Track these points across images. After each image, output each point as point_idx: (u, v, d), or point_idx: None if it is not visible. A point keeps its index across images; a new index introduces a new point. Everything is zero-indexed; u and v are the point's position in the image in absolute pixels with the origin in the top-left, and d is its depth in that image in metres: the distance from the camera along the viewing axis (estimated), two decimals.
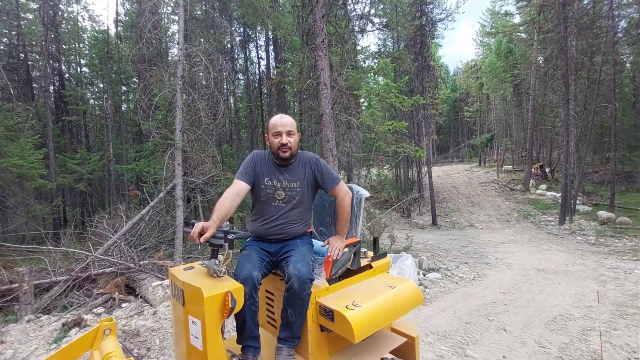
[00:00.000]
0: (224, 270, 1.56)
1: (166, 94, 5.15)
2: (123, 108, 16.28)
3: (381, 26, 9.27)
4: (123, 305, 4.76)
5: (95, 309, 4.56)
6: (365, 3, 7.19)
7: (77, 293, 4.96)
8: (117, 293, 5.06)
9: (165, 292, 4.34)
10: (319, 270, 1.90)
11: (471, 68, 32.97)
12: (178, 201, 4.68)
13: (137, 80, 17.12)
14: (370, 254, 2.26)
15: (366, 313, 1.65)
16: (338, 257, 1.84)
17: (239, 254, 1.95)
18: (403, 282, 1.99)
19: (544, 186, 21.79)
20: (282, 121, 1.98)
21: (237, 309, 1.48)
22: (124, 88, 16.42)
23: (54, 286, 4.90)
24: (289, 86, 11.07)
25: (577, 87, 16.72)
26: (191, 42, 5.03)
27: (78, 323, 3.70)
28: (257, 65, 17.42)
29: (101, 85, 17.78)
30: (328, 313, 1.71)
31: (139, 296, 4.62)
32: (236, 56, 15.93)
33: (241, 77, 16.18)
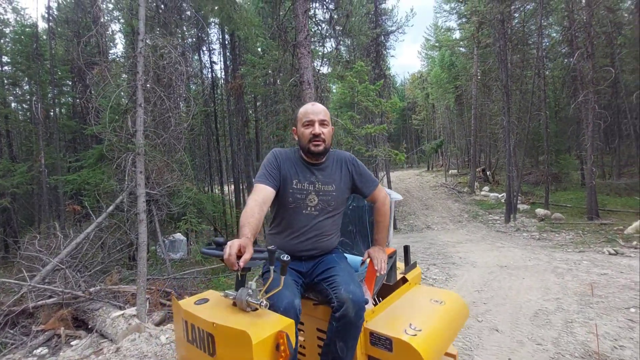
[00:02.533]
0: (264, 302, 1.22)
1: (123, 91, 4.48)
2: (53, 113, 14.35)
3: (341, 33, 9.36)
4: (73, 342, 3.98)
5: (37, 350, 3.75)
6: (328, 9, 7.14)
7: (11, 331, 4.06)
8: (62, 328, 4.23)
9: (130, 324, 3.69)
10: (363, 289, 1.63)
11: (417, 79, 35.08)
12: (141, 215, 4.05)
13: (70, 83, 15.26)
14: (400, 265, 2.04)
15: (430, 337, 1.42)
16: (384, 271, 1.59)
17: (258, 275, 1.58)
18: (447, 295, 1.80)
19: (487, 188, 23.70)
20: (314, 109, 1.69)
21: None
22: (55, 91, 14.50)
23: None
24: (250, 89, 10.60)
25: (513, 98, 18.49)
26: (154, 34, 4.47)
27: None
28: (209, 70, 16.61)
29: (26, 87, 15.56)
30: (384, 342, 1.44)
31: (93, 330, 3.89)
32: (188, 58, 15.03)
33: (193, 82, 15.27)
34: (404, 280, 1.91)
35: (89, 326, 4.02)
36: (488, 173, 25.10)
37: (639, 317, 4.07)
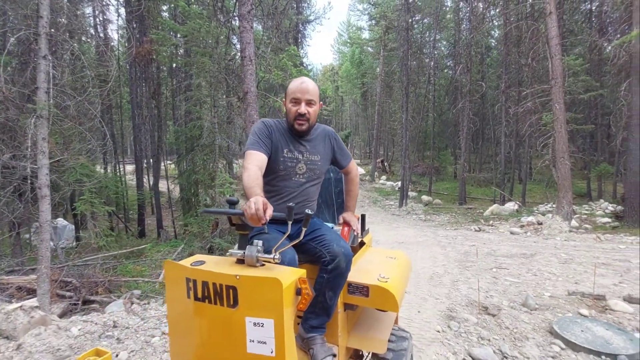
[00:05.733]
0: (277, 256, 1.33)
1: (21, 38, 3.49)
2: None
3: (281, 13, 9.14)
4: None
5: None
6: None
7: None
8: None
9: (32, 317, 3.13)
10: None
11: (329, 71, 36.54)
12: (43, 190, 3.39)
13: None
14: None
15: (395, 282, 1.75)
16: (359, 232, 1.86)
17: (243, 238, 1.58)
18: (397, 253, 2.18)
19: (384, 177, 26.63)
20: (302, 86, 1.74)
21: None
22: None
23: None
24: (160, 57, 9.41)
25: (410, 99, 21.11)
26: None
27: None
28: (102, 28, 14.11)
29: None
30: (361, 289, 1.71)
31: None
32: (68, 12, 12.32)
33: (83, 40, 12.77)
34: (361, 243, 2.22)
35: None
36: (386, 164, 28.17)
37: None
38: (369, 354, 1.99)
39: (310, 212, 1.35)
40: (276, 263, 1.34)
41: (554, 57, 9.13)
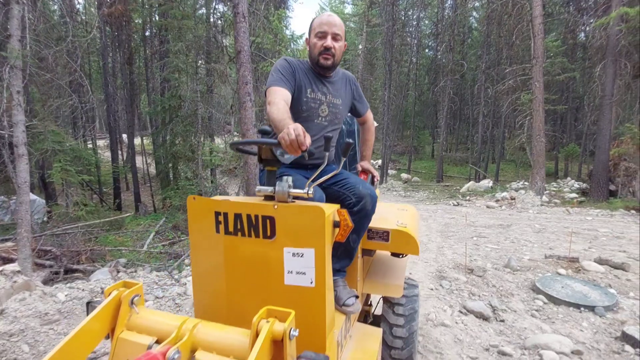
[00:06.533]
0: (311, 191, 1.28)
1: None
2: None
3: None
4: None
5: None
6: None
7: None
8: None
9: (15, 282, 2.96)
10: None
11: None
12: (20, 148, 3.12)
13: None
14: None
15: (413, 228, 1.77)
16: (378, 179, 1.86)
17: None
18: (406, 206, 2.21)
19: None
20: (329, 19, 1.63)
21: None
22: None
23: None
24: (137, 18, 8.69)
25: (393, 77, 21.05)
26: None
27: None
28: None
29: None
30: (381, 234, 1.72)
31: None
32: None
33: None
34: None
35: None
36: None
37: None
38: (379, 300, 2.04)
39: (351, 141, 1.30)
40: (309, 198, 1.30)
41: (536, 36, 9.33)
